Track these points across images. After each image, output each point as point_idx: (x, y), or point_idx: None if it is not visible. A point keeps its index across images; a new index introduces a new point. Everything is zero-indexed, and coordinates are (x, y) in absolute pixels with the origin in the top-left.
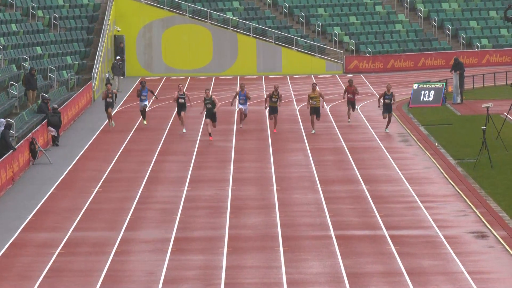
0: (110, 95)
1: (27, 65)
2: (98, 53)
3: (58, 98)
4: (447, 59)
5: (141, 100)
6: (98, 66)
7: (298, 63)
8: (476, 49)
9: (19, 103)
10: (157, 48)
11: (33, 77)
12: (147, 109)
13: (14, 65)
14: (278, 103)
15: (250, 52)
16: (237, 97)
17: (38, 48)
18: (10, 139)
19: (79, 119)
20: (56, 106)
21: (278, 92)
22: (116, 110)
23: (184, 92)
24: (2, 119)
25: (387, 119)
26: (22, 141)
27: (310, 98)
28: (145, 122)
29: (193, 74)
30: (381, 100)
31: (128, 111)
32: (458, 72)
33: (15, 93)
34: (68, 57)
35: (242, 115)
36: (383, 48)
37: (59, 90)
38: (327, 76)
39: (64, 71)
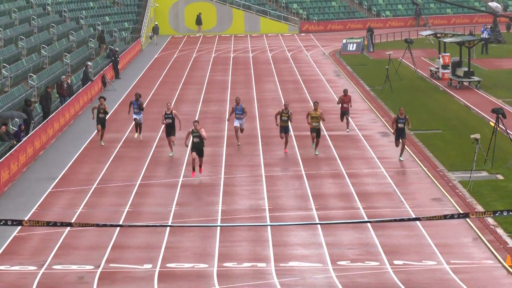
0: (102, 110)
1: (99, 28)
2: (144, 20)
3: (119, 49)
4: (364, 24)
5: (134, 113)
6: (144, 28)
7: (270, 26)
8: (382, 17)
9: (95, 52)
10: (182, 16)
11: (103, 35)
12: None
13: (91, 28)
14: (289, 122)
15: (240, 19)
16: (233, 112)
17: (107, 17)
18: (89, 75)
19: (132, 62)
20: (116, 49)
21: (288, 110)
22: (159, 54)
23: (172, 111)
24: (88, 62)
25: (399, 146)
26: (96, 76)
27: (311, 117)
28: (138, 136)
29: (204, 33)
30: (394, 125)
31: (165, 56)
32: (370, 32)
33: (92, 46)
34: (126, 23)
35: (239, 132)
36: (324, 17)
37: (120, 43)
38: (288, 34)
39: (123, 32)
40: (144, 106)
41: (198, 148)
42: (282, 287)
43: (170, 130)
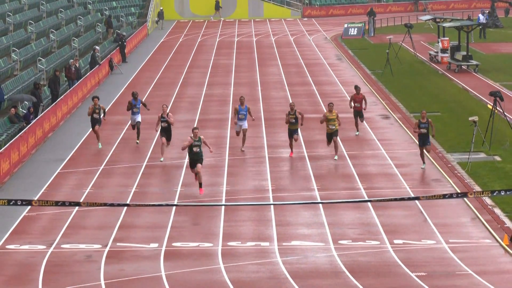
0: (97, 110)
1: (107, 13)
2: (150, 5)
3: (126, 33)
4: (365, 9)
5: (133, 113)
6: (151, 13)
7: (273, 11)
8: (383, 3)
9: (102, 36)
10: (187, 1)
11: (111, 20)
12: (140, 126)
13: (99, 13)
14: (298, 124)
15: (244, 5)
16: (236, 113)
17: (114, 2)
18: (97, 58)
19: (139, 46)
20: (123, 34)
21: (295, 111)
22: (164, 38)
23: (168, 113)
24: (96, 46)
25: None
26: (104, 60)
27: (327, 119)
28: (137, 142)
29: (208, 18)
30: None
31: (171, 40)
32: (372, 17)
33: (100, 30)
34: (132, 8)
35: (242, 135)
36: (326, 1)
37: (126, 28)
38: (291, 19)
39: (130, 17)
40: (145, 102)
41: (198, 157)
42: (285, 265)
43: (164, 134)
